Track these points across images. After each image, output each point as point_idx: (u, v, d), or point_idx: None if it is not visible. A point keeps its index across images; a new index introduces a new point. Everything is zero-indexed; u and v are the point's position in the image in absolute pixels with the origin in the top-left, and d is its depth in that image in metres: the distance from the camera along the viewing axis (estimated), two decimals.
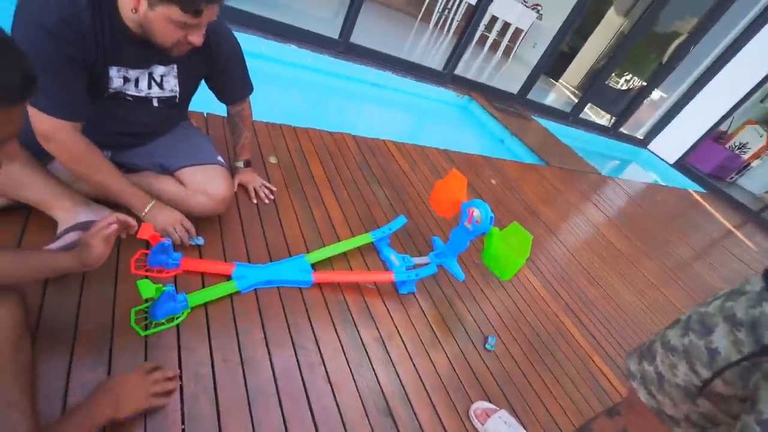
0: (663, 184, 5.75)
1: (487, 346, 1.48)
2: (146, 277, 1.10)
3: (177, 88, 1.16)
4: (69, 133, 0.99)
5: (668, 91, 6.89)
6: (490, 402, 1.29)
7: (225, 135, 1.74)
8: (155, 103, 1.16)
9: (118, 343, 0.96)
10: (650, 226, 3.83)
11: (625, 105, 6.31)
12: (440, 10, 6.48)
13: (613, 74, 7.45)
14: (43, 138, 0.98)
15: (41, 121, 0.96)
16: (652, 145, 6.63)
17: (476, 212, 1.50)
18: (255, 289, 1.22)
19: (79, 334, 0.94)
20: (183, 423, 0.89)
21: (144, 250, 1.15)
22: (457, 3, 6.35)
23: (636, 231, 3.40)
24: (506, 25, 7.01)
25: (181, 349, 1.00)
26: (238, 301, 1.17)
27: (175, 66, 1.12)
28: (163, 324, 1.02)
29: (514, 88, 4.99)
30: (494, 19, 6.70)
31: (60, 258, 0.82)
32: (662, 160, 6.53)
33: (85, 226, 1.08)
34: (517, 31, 7.28)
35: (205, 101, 1.43)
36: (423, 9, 6.43)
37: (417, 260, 1.63)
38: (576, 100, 6.61)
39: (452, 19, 6.55)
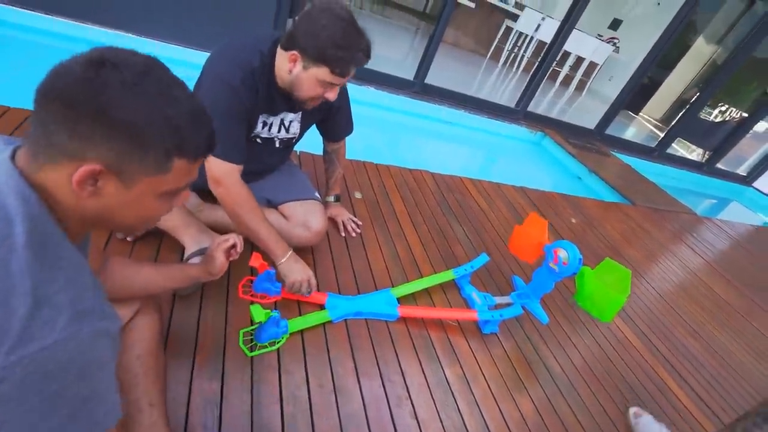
0: None
1: None
2: (252, 302, 1.21)
3: (298, 132, 1.33)
4: (236, 176, 1.15)
5: None
6: None
7: (315, 171, 1.90)
8: (277, 144, 1.33)
9: (230, 358, 1.06)
10: (765, 275, 3.35)
11: (721, 138, 5.74)
12: (510, 49, 6.55)
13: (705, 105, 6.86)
14: (214, 182, 1.14)
15: (216, 166, 1.12)
16: (758, 183, 5.89)
17: (563, 253, 1.45)
18: (345, 319, 1.28)
19: (198, 348, 1.05)
20: None
21: (250, 276, 1.28)
22: (527, 41, 6.38)
23: (746, 280, 3.00)
24: (579, 60, 6.86)
25: (281, 371, 1.08)
26: (330, 329, 1.23)
27: (301, 113, 1.28)
28: (266, 347, 1.11)
29: (590, 122, 4.81)
30: (566, 54, 6.60)
31: (192, 269, 0.97)
32: None
33: (206, 251, 1.23)
34: (592, 65, 7.08)
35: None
36: (492, 48, 6.55)
37: (498, 300, 1.59)
38: (660, 134, 6.17)
39: (522, 56, 6.57)
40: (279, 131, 1.29)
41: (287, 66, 1.08)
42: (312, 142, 1.63)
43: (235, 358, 1.07)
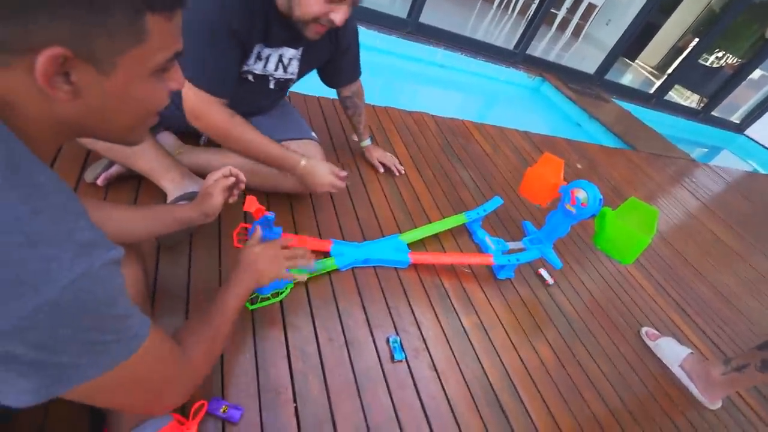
0: (765, 173, 5.06)
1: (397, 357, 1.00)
2: None
3: (296, 73, 1.15)
4: (216, 109, 0.98)
5: None
6: None
7: (308, 114, 1.71)
8: (271, 85, 1.15)
9: None
10: (761, 219, 3.35)
11: (718, 85, 5.60)
12: None
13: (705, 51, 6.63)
14: (192, 117, 0.98)
15: (195, 98, 0.96)
16: (750, 131, 5.85)
17: (581, 194, 1.35)
18: (352, 268, 1.17)
19: (190, 304, 0.93)
20: (295, 401, 0.85)
21: (244, 224, 1.14)
22: None
23: (745, 225, 2.98)
24: (577, 1, 6.50)
25: (286, 327, 0.97)
26: (336, 279, 1.12)
27: (302, 50, 1.09)
28: (269, 298, 0.99)
29: (588, 68, 4.60)
30: None
31: (180, 209, 0.83)
32: (764, 147, 5.75)
33: (191, 197, 1.08)
34: (590, 8, 6.74)
35: None
36: None
37: (511, 245, 1.50)
38: (655, 81, 6.00)
39: None
40: (276, 69, 1.11)
41: None
42: (303, 81, 1.44)
43: None
